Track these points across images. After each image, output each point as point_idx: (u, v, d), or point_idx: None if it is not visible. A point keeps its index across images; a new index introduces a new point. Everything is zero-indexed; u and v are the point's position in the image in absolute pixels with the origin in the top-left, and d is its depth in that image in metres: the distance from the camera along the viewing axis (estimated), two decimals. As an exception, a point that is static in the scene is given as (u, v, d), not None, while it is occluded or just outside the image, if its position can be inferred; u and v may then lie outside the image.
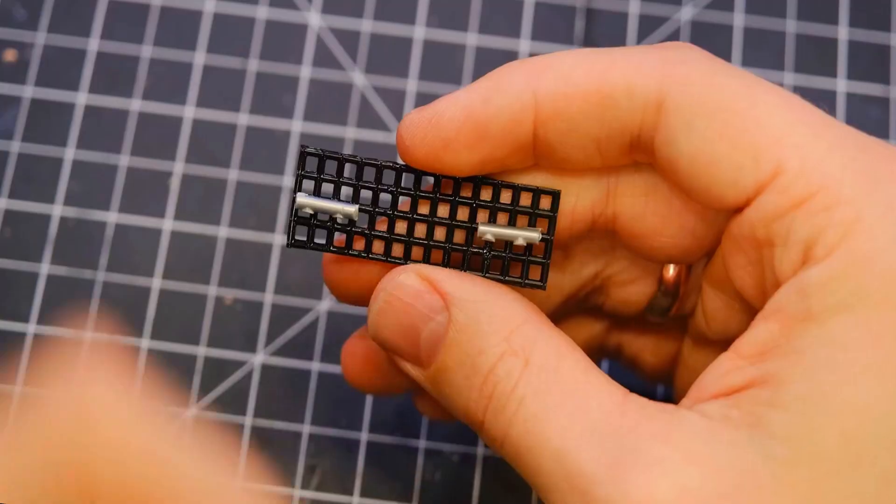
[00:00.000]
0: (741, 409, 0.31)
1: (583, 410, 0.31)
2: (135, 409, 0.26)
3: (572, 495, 0.31)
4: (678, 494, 0.30)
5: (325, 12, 0.50)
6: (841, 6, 0.51)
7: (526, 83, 0.33)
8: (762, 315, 0.31)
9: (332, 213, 0.35)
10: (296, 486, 0.44)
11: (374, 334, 0.35)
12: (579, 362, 0.33)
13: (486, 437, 0.33)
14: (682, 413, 0.31)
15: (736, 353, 0.32)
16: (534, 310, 0.34)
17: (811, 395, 0.30)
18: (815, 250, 0.30)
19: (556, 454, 0.31)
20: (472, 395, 0.33)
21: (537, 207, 0.35)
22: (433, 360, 0.34)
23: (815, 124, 0.32)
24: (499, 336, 0.33)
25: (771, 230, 0.31)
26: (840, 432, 0.29)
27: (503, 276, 0.35)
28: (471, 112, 0.33)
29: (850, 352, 0.30)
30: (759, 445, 0.30)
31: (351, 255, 0.35)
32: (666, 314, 0.38)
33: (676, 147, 0.32)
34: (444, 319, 0.33)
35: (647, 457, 0.30)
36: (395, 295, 0.34)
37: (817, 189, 0.31)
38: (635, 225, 0.35)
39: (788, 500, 0.29)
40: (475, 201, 0.35)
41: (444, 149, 0.34)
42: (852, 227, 0.30)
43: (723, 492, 0.30)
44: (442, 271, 0.34)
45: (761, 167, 0.31)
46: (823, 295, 0.30)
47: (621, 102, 0.33)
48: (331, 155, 0.35)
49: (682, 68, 0.32)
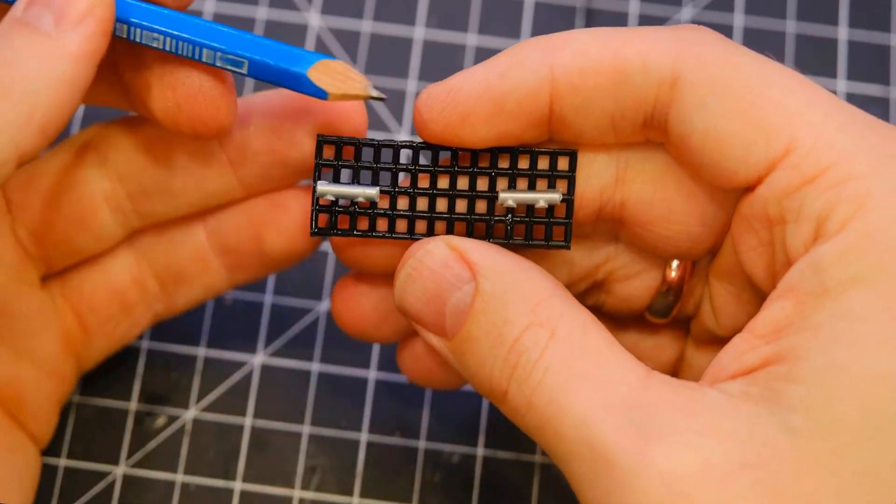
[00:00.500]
0: (759, 385, 0.31)
1: (607, 382, 0.32)
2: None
3: (594, 463, 0.31)
4: (701, 466, 0.30)
5: (325, 12, 0.50)
6: (841, 6, 0.51)
7: (543, 58, 0.33)
8: (775, 294, 0.32)
9: (353, 198, 0.35)
10: (296, 486, 0.44)
11: (400, 302, 0.35)
12: (604, 337, 0.33)
13: (508, 407, 0.33)
14: (704, 389, 0.31)
15: (751, 334, 0.32)
16: (559, 285, 0.34)
17: (829, 367, 0.30)
18: (828, 225, 0.31)
19: (579, 422, 0.31)
20: (497, 365, 0.33)
21: (555, 170, 0.35)
22: (458, 330, 0.34)
23: (826, 104, 0.32)
24: (526, 307, 0.33)
25: (783, 206, 0.32)
26: (859, 403, 0.29)
27: (527, 241, 0.35)
28: (488, 86, 0.34)
29: (866, 324, 0.30)
30: (779, 418, 0.30)
31: (375, 237, 0.36)
32: (668, 314, 0.38)
33: (689, 124, 0.33)
34: (471, 289, 0.34)
35: (670, 429, 0.30)
36: (424, 262, 0.34)
37: (829, 165, 0.31)
38: (643, 212, 0.35)
39: (810, 470, 0.30)
40: (494, 170, 0.35)
41: (462, 123, 0.34)
42: (864, 202, 0.30)
43: (744, 463, 0.30)
44: (470, 242, 0.34)
45: (773, 144, 0.32)
46: (837, 269, 0.30)
47: (636, 78, 0.33)
48: (347, 141, 0.35)
49: (697, 48, 0.33)
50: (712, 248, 0.36)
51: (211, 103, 0.36)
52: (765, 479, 0.30)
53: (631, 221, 0.36)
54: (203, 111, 0.36)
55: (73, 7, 0.33)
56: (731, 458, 0.30)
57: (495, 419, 0.45)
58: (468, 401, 0.45)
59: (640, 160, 0.35)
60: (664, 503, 0.30)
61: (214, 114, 0.36)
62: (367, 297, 0.39)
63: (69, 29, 0.33)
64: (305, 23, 0.50)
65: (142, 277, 0.41)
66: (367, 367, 0.46)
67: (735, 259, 0.35)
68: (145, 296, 0.41)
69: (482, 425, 0.45)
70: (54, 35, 0.33)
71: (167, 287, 0.42)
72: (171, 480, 0.44)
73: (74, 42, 0.33)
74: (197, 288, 0.42)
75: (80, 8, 0.33)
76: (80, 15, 0.33)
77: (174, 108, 0.36)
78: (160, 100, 0.36)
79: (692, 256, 0.37)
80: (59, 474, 0.44)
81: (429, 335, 0.35)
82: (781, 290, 0.31)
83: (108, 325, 0.41)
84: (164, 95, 0.36)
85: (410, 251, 0.35)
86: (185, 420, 0.45)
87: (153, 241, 0.41)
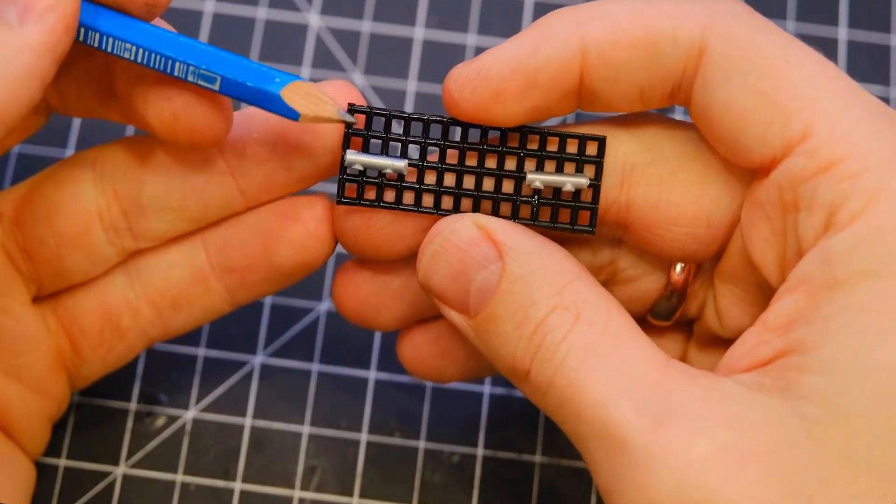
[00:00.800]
0: (773, 375, 0.31)
1: (627, 366, 0.32)
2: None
3: (610, 445, 0.31)
4: (715, 452, 0.30)
5: (325, 13, 0.50)
6: (841, 6, 0.51)
7: (573, 31, 0.33)
8: (786, 287, 0.32)
9: (381, 169, 0.35)
10: (296, 487, 0.44)
11: (424, 279, 0.35)
12: (627, 323, 0.33)
13: (530, 386, 0.34)
14: (721, 379, 0.32)
15: (763, 327, 0.32)
16: (584, 269, 0.34)
17: (840, 357, 0.30)
18: (839, 216, 0.31)
19: (597, 403, 0.32)
20: (521, 344, 0.33)
21: (584, 154, 0.35)
22: (483, 309, 0.34)
23: (847, 92, 0.32)
24: (552, 289, 0.33)
25: (797, 192, 0.32)
26: (873, 391, 0.30)
27: (552, 223, 0.36)
28: (520, 62, 0.34)
29: (877, 315, 0.30)
30: (792, 407, 0.30)
31: (403, 209, 0.36)
32: (671, 317, 0.38)
33: (712, 95, 0.33)
34: (498, 269, 0.34)
35: (686, 415, 0.31)
36: (451, 240, 0.35)
37: (844, 156, 0.31)
38: (649, 215, 0.35)
39: (824, 457, 0.30)
40: (522, 150, 0.35)
41: (495, 100, 0.34)
42: (876, 196, 0.31)
43: (758, 450, 0.30)
44: (498, 221, 0.35)
45: (790, 127, 0.32)
46: (848, 262, 0.30)
47: (666, 49, 0.33)
48: (378, 111, 0.36)
49: (725, 19, 0.33)
50: (718, 250, 0.36)
51: (207, 111, 0.36)
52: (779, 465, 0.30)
53: (636, 224, 0.36)
54: (199, 120, 0.36)
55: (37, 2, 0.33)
56: (745, 445, 0.30)
57: (495, 419, 0.45)
58: (468, 401, 0.45)
59: (646, 163, 0.35)
60: (678, 487, 0.30)
61: (211, 122, 0.36)
62: (368, 282, 0.39)
63: (31, 21, 0.33)
64: (305, 23, 0.50)
65: (136, 304, 0.40)
66: (367, 367, 0.46)
67: (741, 261, 0.35)
68: (139, 321, 0.41)
69: (482, 425, 0.45)
70: (16, 27, 0.33)
71: (164, 313, 0.41)
72: (171, 480, 0.44)
73: (34, 34, 0.33)
74: (196, 311, 0.41)
75: (44, 2, 0.33)
76: (43, 9, 0.33)
77: (170, 119, 0.36)
78: (156, 111, 0.36)
79: (697, 259, 0.37)
80: (59, 474, 0.44)
81: (451, 312, 0.35)
82: (792, 282, 0.32)
83: (100, 349, 0.41)
84: (159, 106, 0.36)
85: (437, 229, 0.35)
86: (185, 420, 0.45)
87: (150, 264, 0.40)
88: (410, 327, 0.41)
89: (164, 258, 0.40)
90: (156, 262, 0.40)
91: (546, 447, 0.44)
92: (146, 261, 0.40)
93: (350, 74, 0.49)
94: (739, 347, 0.33)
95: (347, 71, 0.49)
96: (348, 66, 0.49)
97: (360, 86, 0.49)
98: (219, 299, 0.40)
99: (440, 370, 0.41)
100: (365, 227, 0.37)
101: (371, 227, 0.37)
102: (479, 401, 0.45)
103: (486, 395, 0.45)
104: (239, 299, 0.40)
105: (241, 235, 0.39)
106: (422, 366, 0.41)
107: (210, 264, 0.40)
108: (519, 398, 0.45)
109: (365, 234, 0.37)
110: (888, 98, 0.49)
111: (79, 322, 0.40)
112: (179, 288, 0.40)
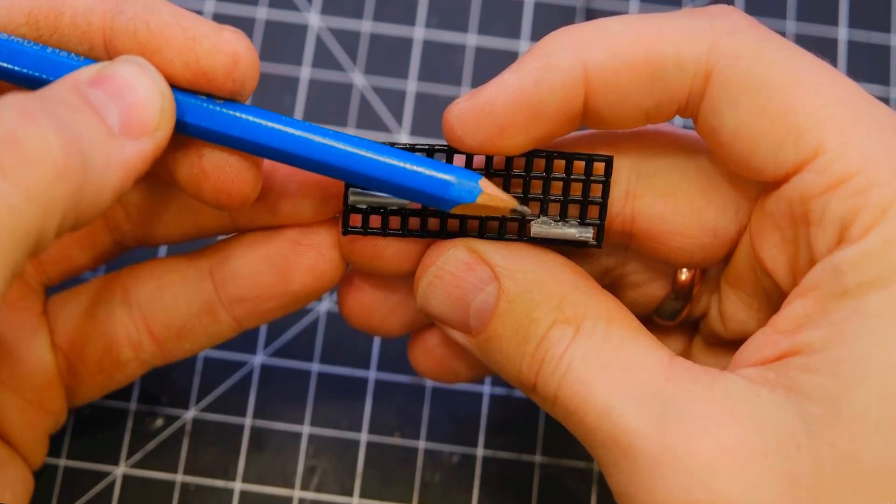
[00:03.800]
0: (777, 371, 0.31)
1: (629, 372, 0.32)
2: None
3: (617, 451, 0.32)
4: (719, 453, 0.31)
5: (325, 13, 0.50)
6: (841, 6, 0.51)
7: (575, 58, 0.33)
8: (797, 291, 0.32)
9: (385, 207, 0.35)
10: (296, 487, 0.44)
11: (423, 306, 0.36)
12: (628, 325, 0.34)
13: (538, 397, 0.34)
14: (725, 375, 0.32)
15: (772, 329, 0.32)
16: (582, 274, 0.35)
17: (845, 359, 0.30)
18: (851, 230, 0.31)
19: (601, 413, 0.32)
20: (525, 361, 0.34)
21: (590, 174, 0.35)
22: (483, 329, 0.34)
23: (856, 105, 0.32)
24: (551, 303, 0.34)
25: (807, 208, 0.32)
26: (878, 392, 0.30)
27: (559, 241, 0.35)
28: (523, 95, 0.33)
29: (883, 320, 0.30)
30: (796, 406, 0.31)
31: (409, 236, 0.36)
32: (676, 318, 0.38)
33: (720, 119, 0.33)
34: (494, 290, 0.34)
35: (690, 415, 0.31)
36: (445, 269, 0.35)
37: (855, 171, 0.31)
38: (655, 226, 0.35)
39: (828, 457, 0.30)
40: (528, 175, 0.35)
41: (500, 136, 0.34)
42: (887, 209, 0.31)
43: (762, 450, 0.30)
44: (489, 244, 0.35)
45: (802, 146, 0.32)
46: (858, 272, 0.31)
47: (671, 73, 0.33)
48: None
49: (730, 39, 0.33)
50: (724, 257, 0.36)
51: (238, 173, 0.34)
52: (783, 465, 0.30)
53: (642, 235, 0.36)
54: (229, 181, 0.34)
55: (141, 119, 0.31)
56: (749, 445, 0.30)
57: (495, 419, 0.45)
58: (468, 401, 0.45)
59: (651, 174, 0.35)
60: (685, 490, 0.31)
61: (241, 186, 0.34)
62: (374, 291, 0.39)
63: (131, 138, 0.31)
64: (305, 23, 0.50)
65: (138, 338, 0.40)
66: (367, 367, 0.46)
67: (748, 267, 0.35)
68: (141, 353, 0.40)
69: (482, 425, 0.45)
70: (116, 137, 0.31)
71: (167, 344, 0.40)
72: (171, 480, 0.44)
73: (131, 155, 0.31)
74: (202, 340, 0.40)
75: (149, 122, 0.31)
76: (146, 129, 0.31)
77: (200, 176, 0.34)
78: (186, 166, 0.34)
79: (703, 265, 0.37)
80: (59, 474, 0.44)
81: (453, 332, 0.36)
82: (803, 288, 0.32)
83: (98, 376, 0.40)
84: (190, 162, 0.34)
85: (430, 258, 0.35)
86: (185, 420, 0.45)
87: (153, 296, 0.40)
88: (421, 330, 0.40)
89: (168, 291, 0.39)
90: (159, 296, 0.39)
91: (546, 447, 0.44)
92: (149, 293, 0.40)
93: (350, 74, 0.49)
94: (748, 347, 0.33)
95: (347, 71, 0.49)
96: (348, 66, 0.49)
97: (360, 86, 0.49)
98: (225, 327, 0.40)
99: (454, 371, 0.41)
100: (371, 253, 0.37)
101: (377, 251, 0.37)
102: (479, 401, 0.45)
103: (486, 395, 0.45)
104: (246, 325, 0.40)
105: (252, 265, 0.38)
106: (435, 368, 0.41)
107: (219, 296, 0.39)
108: (519, 398, 0.45)
109: (371, 257, 0.37)
110: (888, 98, 0.49)
111: (79, 350, 0.40)
112: (185, 320, 0.39)
